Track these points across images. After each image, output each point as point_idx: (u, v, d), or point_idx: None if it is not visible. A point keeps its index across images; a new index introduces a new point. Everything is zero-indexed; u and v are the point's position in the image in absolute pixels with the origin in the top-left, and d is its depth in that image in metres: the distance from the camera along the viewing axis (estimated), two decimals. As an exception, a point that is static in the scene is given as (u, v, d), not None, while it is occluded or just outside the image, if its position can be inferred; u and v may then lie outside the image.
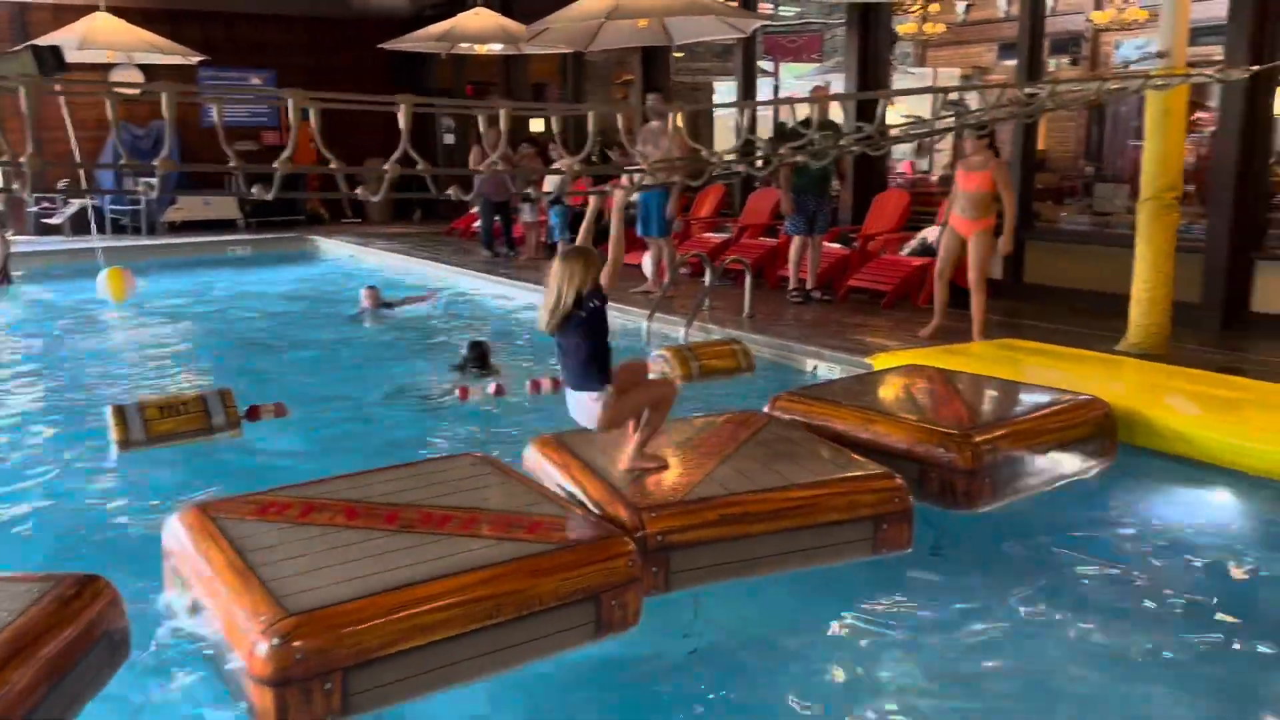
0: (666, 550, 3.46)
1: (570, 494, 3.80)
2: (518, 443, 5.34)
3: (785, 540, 3.68)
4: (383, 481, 3.70)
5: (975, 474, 4.16)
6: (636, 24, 10.33)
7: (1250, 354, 6.59)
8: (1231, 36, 7.10)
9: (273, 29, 16.65)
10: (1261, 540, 4.21)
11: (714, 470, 3.90)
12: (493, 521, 3.32)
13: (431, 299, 9.51)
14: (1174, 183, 6.27)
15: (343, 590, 2.87)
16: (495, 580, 2.97)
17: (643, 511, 3.49)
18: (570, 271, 3.70)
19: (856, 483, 3.84)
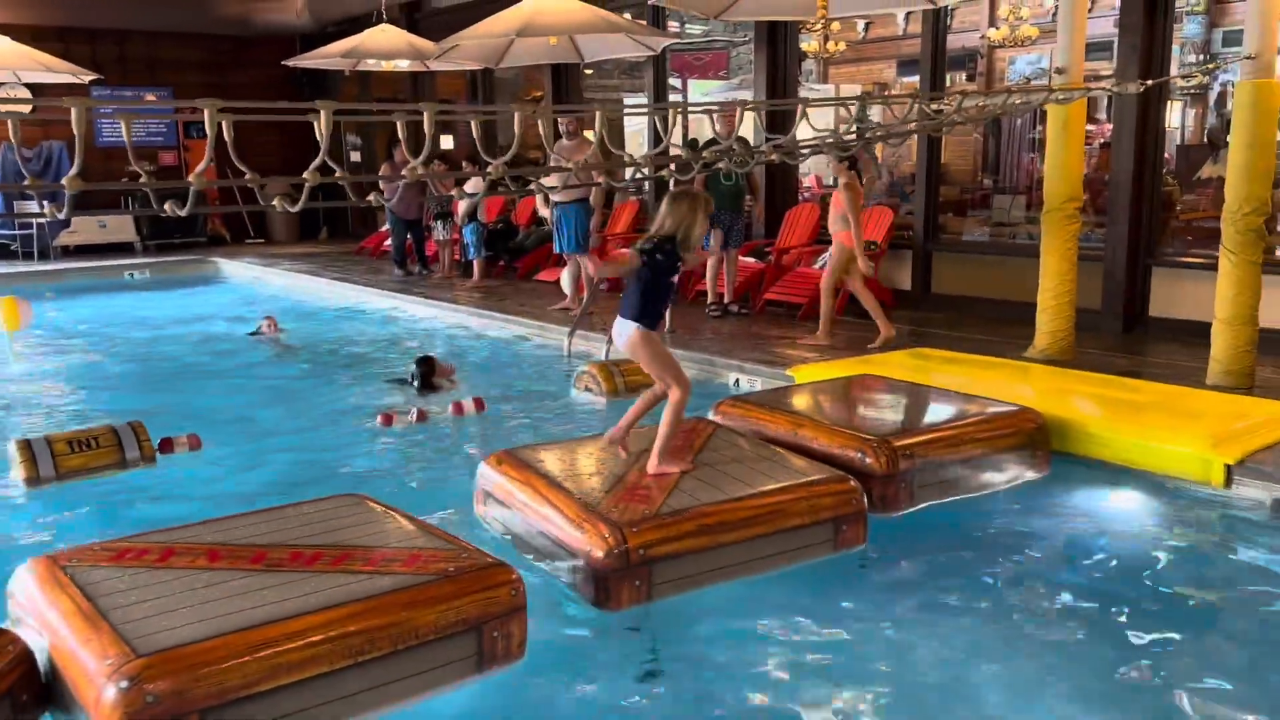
0: (649, 563, 3.50)
1: (539, 511, 3.79)
2: (442, 468, 5.30)
3: (756, 546, 3.78)
4: (249, 525, 3.55)
5: (891, 479, 4.25)
6: (547, 41, 10.32)
7: (1150, 357, 6.86)
8: (1123, 52, 7.41)
9: (168, 46, 16.18)
10: (1165, 537, 4.37)
11: (681, 481, 3.97)
12: (367, 557, 3.21)
13: (268, 328, 9.12)
14: (1074, 193, 6.51)
15: (200, 629, 2.72)
16: (366, 614, 2.85)
17: (624, 526, 3.51)
18: (676, 211, 3.92)
19: (818, 487, 3.98)
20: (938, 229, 9.17)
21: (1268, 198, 5.74)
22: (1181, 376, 6.14)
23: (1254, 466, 4.52)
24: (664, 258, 3.93)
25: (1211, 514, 4.54)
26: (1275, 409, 5.25)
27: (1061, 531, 4.47)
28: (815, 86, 19.01)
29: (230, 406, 6.52)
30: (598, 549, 3.47)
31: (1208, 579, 4.04)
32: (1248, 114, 5.66)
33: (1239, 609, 3.79)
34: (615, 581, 3.46)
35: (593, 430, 5.86)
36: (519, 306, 9.46)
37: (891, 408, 4.97)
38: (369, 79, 15.64)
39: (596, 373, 6.47)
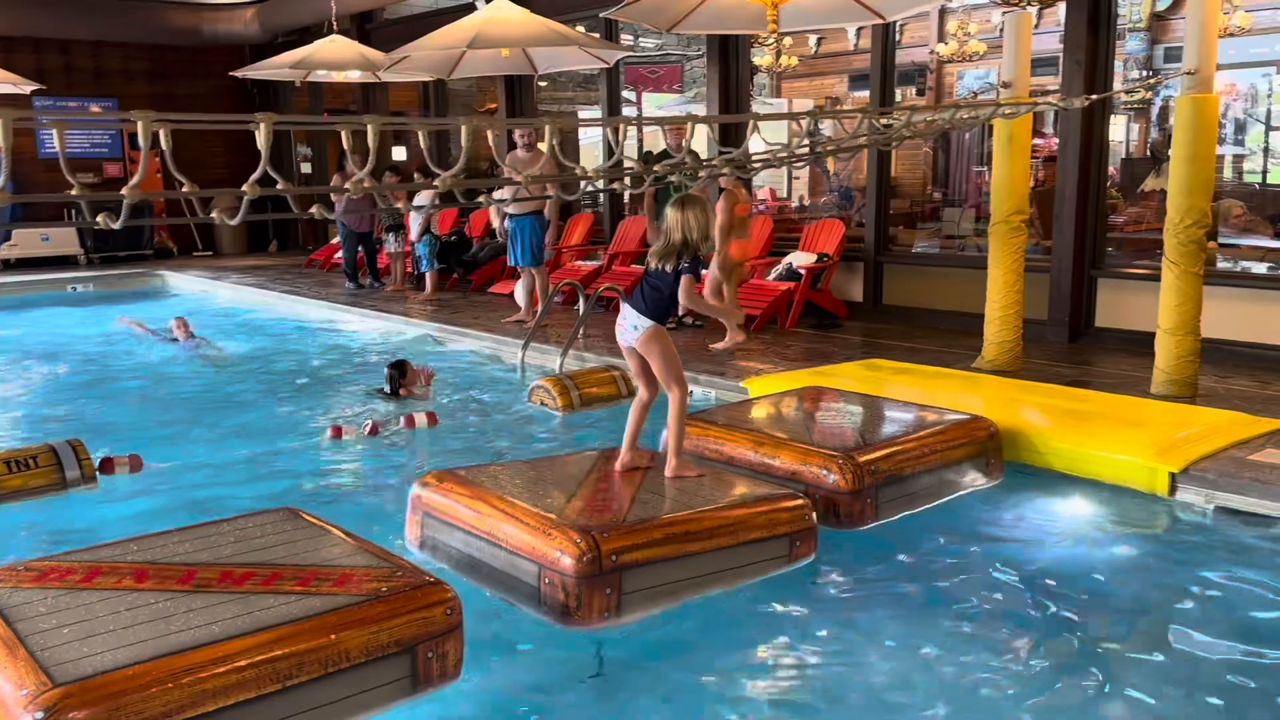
0: (619, 570, 3.44)
1: (494, 526, 3.69)
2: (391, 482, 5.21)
3: (719, 558, 3.75)
4: (181, 541, 3.46)
5: (859, 495, 4.24)
6: (499, 53, 10.28)
7: (1096, 366, 6.96)
8: (1067, 67, 7.54)
9: (113, 56, 15.91)
10: (1112, 544, 4.42)
11: (637, 495, 3.94)
12: (298, 576, 3.14)
13: (178, 328, 9.00)
14: (1020, 206, 6.59)
15: (121, 656, 2.63)
16: (295, 638, 2.78)
17: (594, 532, 3.45)
18: (692, 217, 4.08)
19: (774, 502, 3.98)
20: (888, 241, 9.25)
21: (1208, 209, 5.85)
22: (1127, 386, 6.24)
23: (1197, 474, 4.59)
24: (691, 264, 4.13)
25: (1157, 521, 4.60)
26: (1217, 418, 5.34)
27: (1012, 541, 4.49)
28: (768, 101, 19.16)
29: (174, 422, 6.39)
30: (568, 555, 3.39)
31: (1153, 586, 4.07)
32: (1187, 128, 5.77)
33: (1182, 616, 3.82)
34: (587, 589, 3.38)
35: (547, 443, 5.84)
36: (472, 319, 9.39)
37: (848, 421, 4.96)
38: (321, 89, 15.52)
39: (550, 386, 6.42)
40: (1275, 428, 5.19)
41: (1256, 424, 5.23)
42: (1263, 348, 6.91)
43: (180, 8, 15.45)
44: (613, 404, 6.53)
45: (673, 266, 4.09)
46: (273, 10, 14.97)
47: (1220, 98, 14.42)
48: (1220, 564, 4.18)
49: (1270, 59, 13.97)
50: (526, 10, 9.66)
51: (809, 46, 18.34)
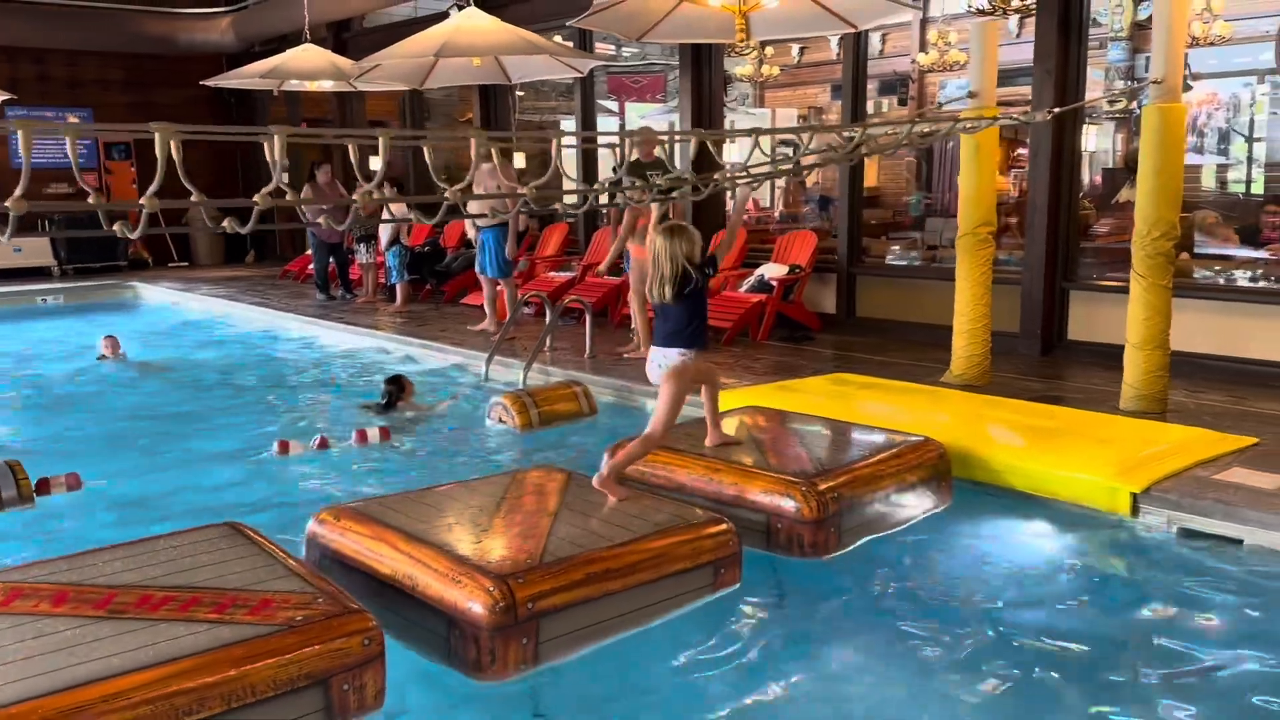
0: (535, 618, 3.20)
1: (398, 569, 3.44)
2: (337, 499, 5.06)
3: (642, 594, 3.55)
4: (110, 560, 3.32)
5: (821, 524, 4.06)
6: (471, 62, 10.17)
7: (1067, 381, 6.84)
8: (1037, 77, 7.44)
9: (89, 65, 15.75)
10: (1072, 567, 4.29)
11: (555, 528, 3.70)
12: (216, 602, 3.00)
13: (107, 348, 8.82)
14: (987, 218, 6.47)
15: (14, 691, 2.51)
16: (197, 671, 2.64)
17: (507, 578, 3.21)
18: (679, 246, 4.17)
19: (696, 529, 3.78)
20: (861, 252, 9.13)
21: (1176, 221, 5.74)
22: (1097, 401, 6.12)
23: (1159, 495, 4.46)
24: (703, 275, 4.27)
25: (1118, 544, 4.47)
26: (1184, 435, 5.22)
27: (968, 564, 4.35)
28: (751, 111, 19.08)
29: (123, 437, 6.24)
30: (478, 604, 3.13)
31: (1110, 612, 3.93)
32: (1155, 138, 5.66)
33: (1139, 644, 3.69)
34: (501, 642, 3.15)
35: (503, 462, 5.70)
36: (439, 331, 9.25)
37: (802, 445, 4.76)
38: (298, 99, 15.36)
39: (510, 404, 6.27)
40: (1242, 445, 5.07)
41: (1224, 441, 5.11)
42: (1237, 361, 6.79)
43: (155, 17, 15.30)
44: (573, 421, 6.39)
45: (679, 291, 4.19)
46: (248, 19, 14.84)
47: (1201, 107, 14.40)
48: (1182, 589, 4.05)
49: (1253, 68, 13.93)
50: (497, 19, 9.56)
51: (792, 56, 18.28)
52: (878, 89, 17.66)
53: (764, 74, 17.23)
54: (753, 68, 17.11)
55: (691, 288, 4.22)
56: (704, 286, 4.28)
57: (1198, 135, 14.33)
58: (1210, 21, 12.27)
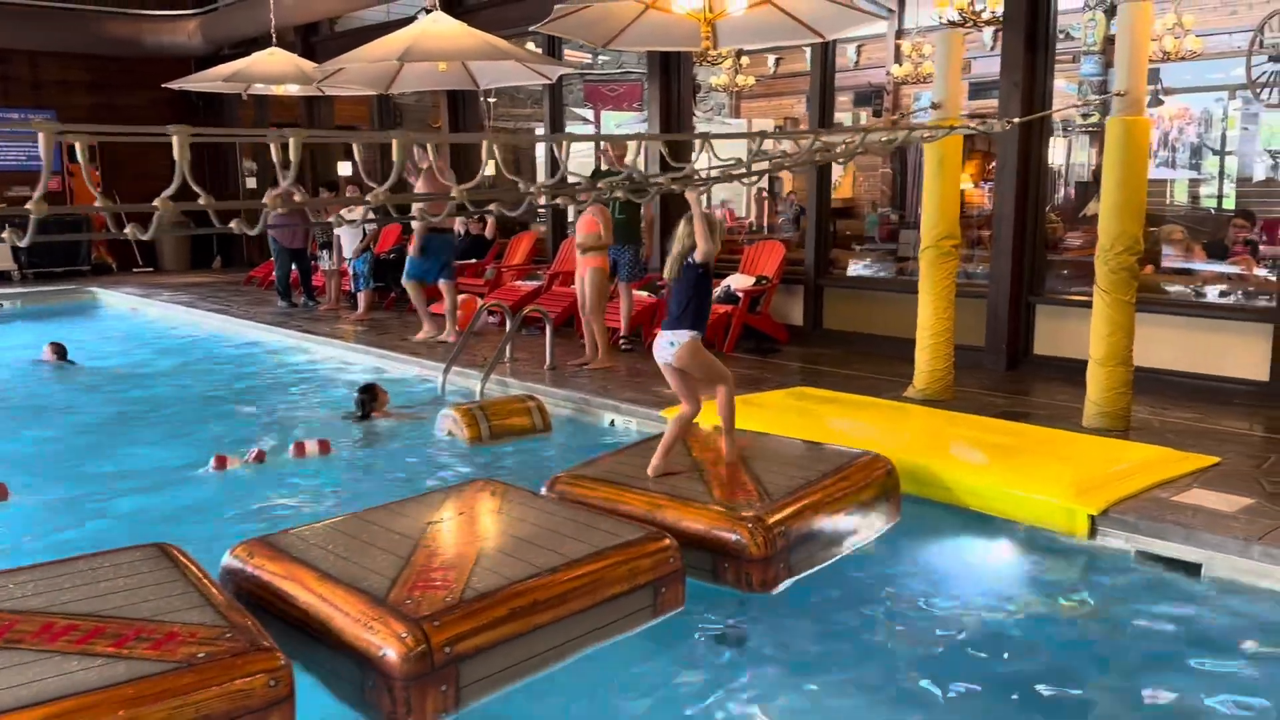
0: (455, 663, 2.99)
1: (309, 612, 3.21)
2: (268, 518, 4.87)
3: (575, 623, 3.34)
4: (25, 582, 3.15)
5: (770, 561, 3.85)
6: (436, 67, 10.01)
7: (1031, 396, 6.73)
8: (1004, 89, 7.36)
9: (50, 66, 15.48)
10: (1027, 591, 4.16)
11: (480, 556, 3.49)
12: (119, 634, 2.82)
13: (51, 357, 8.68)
14: (950, 231, 6.36)
15: None
16: (79, 713, 2.47)
17: (423, 622, 2.98)
18: (688, 229, 4.35)
19: (634, 549, 3.59)
20: (829, 264, 9.02)
21: (1139, 235, 5.64)
22: (1060, 418, 6.01)
23: (1117, 517, 4.34)
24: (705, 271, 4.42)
25: (1075, 567, 4.34)
26: (1145, 454, 5.12)
27: (921, 589, 4.20)
28: (727, 120, 19.01)
29: (57, 447, 6.04)
30: (392, 652, 2.91)
31: (1068, 636, 3.81)
32: (1118, 151, 5.57)
33: (1096, 669, 3.56)
34: (417, 691, 2.91)
35: (449, 477, 5.52)
36: (399, 341, 9.06)
37: (748, 470, 4.51)
38: (265, 102, 15.17)
39: (459, 417, 6.10)
40: (1203, 465, 4.97)
41: (1185, 461, 5.01)
42: (1202, 378, 6.70)
43: (119, 18, 15.07)
44: (526, 436, 6.22)
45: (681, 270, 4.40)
46: (215, 22, 14.64)
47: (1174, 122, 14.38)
48: (1139, 616, 3.92)
49: (1225, 83, 13.95)
50: (464, 24, 9.41)
51: (768, 67, 18.22)
52: (853, 100, 17.64)
53: (739, 84, 17.14)
54: (728, 78, 17.03)
55: (689, 273, 4.40)
56: (701, 273, 4.41)
57: (1170, 150, 14.36)
58: (1182, 36, 12.28)
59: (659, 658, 3.56)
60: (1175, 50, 12.38)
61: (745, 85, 16.93)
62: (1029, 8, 7.14)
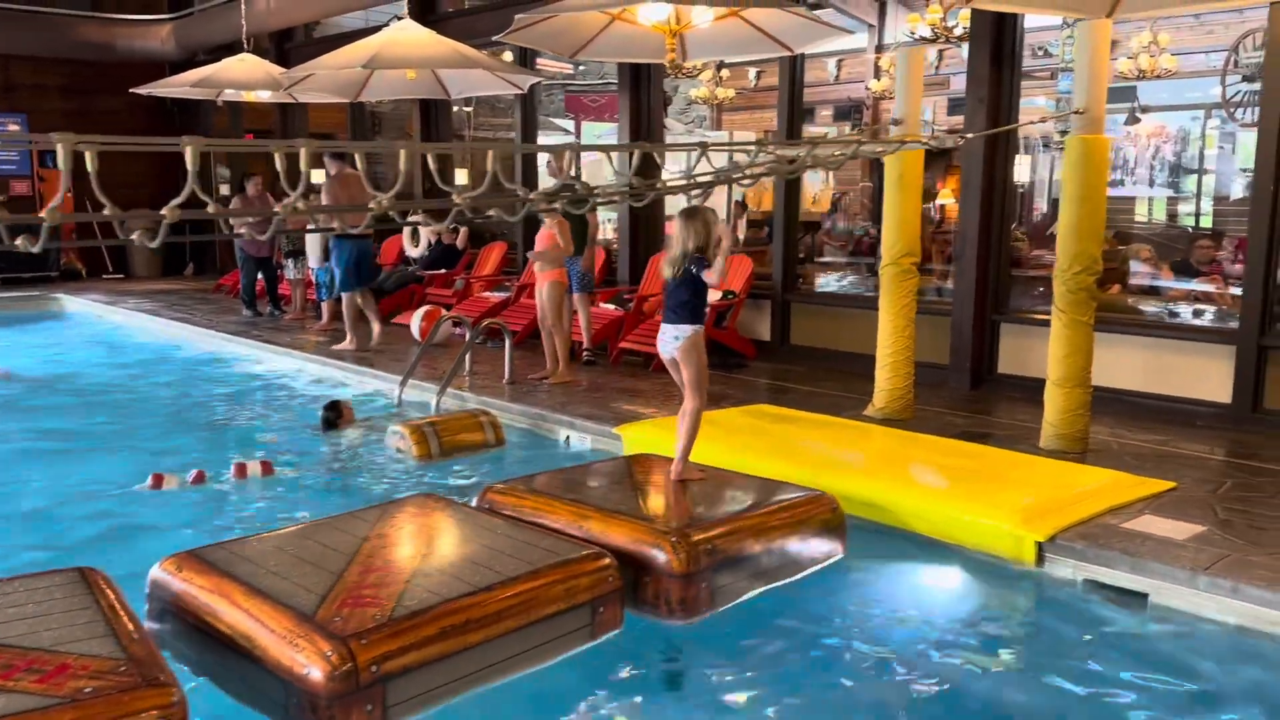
0: (382, 682, 2.91)
1: (237, 628, 3.13)
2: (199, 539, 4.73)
3: (509, 643, 3.27)
4: None
5: (691, 579, 3.72)
6: (405, 75, 9.91)
7: (992, 416, 6.64)
8: (970, 105, 7.29)
9: (23, 70, 15.31)
10: (973, 621, 4.05)
11: (414, 573, 3.40)
12: (9, 664, 2.70)
13: None
14: (910, 248, 6.28)
15: None
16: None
17: (349, 640, 2.90)
18: (692, 229, 4.38)
19: (572, 567, 3.52)
20: (796, 279, 8.92)
21: (1098, 255, 5.56)
22: (1018, 439, 5.92)
23: (1065, 544, 4.24)
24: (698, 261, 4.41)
25: (1022, 595, 4.25)
26: (1099, 478, 5.03)
27: (862, 617, 4.10)
28: (708, 133, 18.96)
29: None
30: (316, 670, 2.85)
31: (1011, 668, 3.71)
32: (1077, 169, 5.49)
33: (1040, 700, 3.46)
34: (341, 710, 2.85)
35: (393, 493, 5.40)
36: (360, 354, 8.92)
37: (687, 494, 4.40)
38: (240, 109, 15.02)
39: (408, 433, 5.97)
40: (1158, 490, 4.88)
41: (1140, 486, 4.92)
42: (1167, 400, 6.62)
43: (92, 22, 14.93)
44: (478, 452, 6.10)
45: (683, 270, 4.41)
46: (188, 28, 14.51)
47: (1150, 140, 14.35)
48: (1084, 646, 3.82)
49: (1201, 102, 13.95)
50: (433, 33, 9.32)
51: (749, 80, 18.18)
52: (833, 115, 17.62)
53: (719, 96, 17.08)
54: (708, 90, 16.98)
55: (690, 271, 4.42)
56: (698, 273, 4.42)
57: (1146, 168, 14.35)
58: (1157, 55, 12.27)
59: (589, 691, 3.45)
60: (1151, 68, 12.38)
61: (725, 98, 16.86)
62: (995, 24, 7.08)
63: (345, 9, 12.52)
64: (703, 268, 4.37)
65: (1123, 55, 13.15)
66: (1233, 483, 5.15)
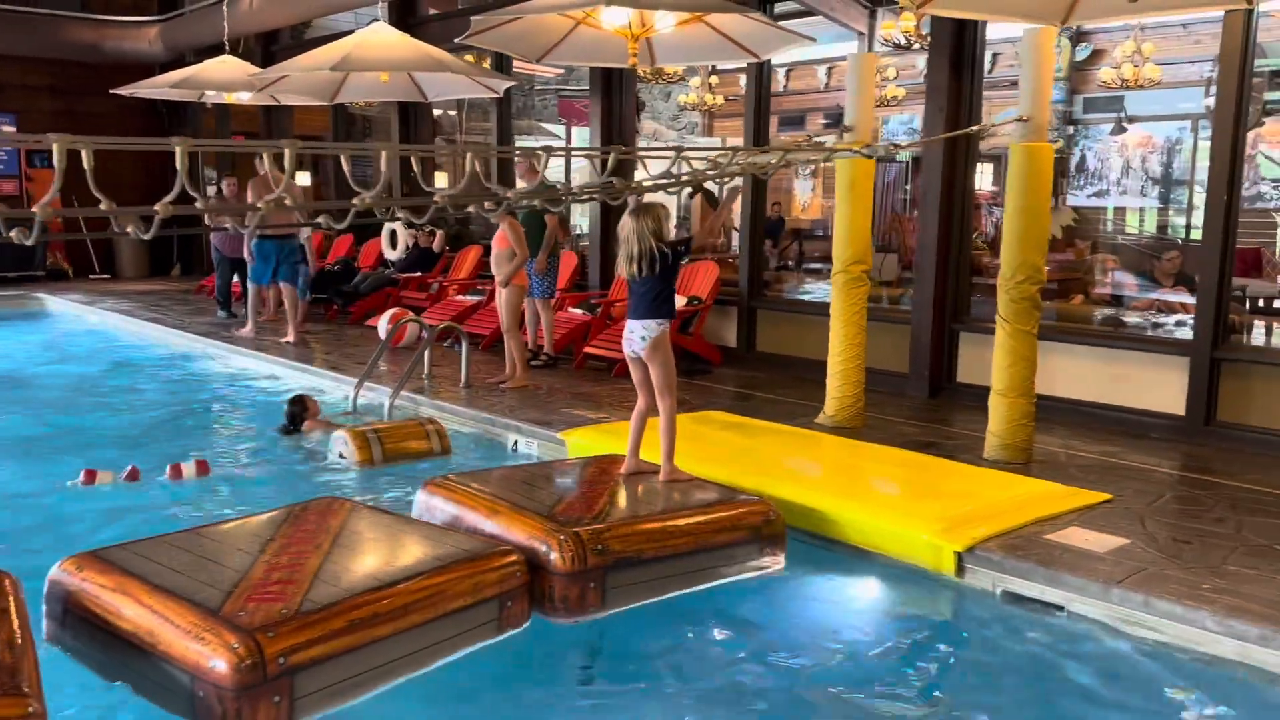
0: (289, 674, 2.93)
1: (141, 624, 3.11)
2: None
3: (417, 636, 3.31)
4: None
5: (577, 577, 3.71)
6: (379, 78, 9.91)
7: (945, 426, 6.58)
8: (929, 114, 7.25)
9: (11, 70, 15.36)
10: (891, 633, 4.01)
11: (321, 569, 3.42)
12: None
13: None
14: (861, 256, 6.24)
15: None
16: None
17: (255, 632, 2.92)
18: (646, 225, 4.46)
19: (479, 563, 3.56)
20: (762, 285, 8.88)
21: (1041, 264, 5.52)
22: (965, 449, 5.87)
23: (984, 555, 4.18)
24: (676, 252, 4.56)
25: (941, 606, 4.21)
26: (1033, 489, 4.98)
27: (780, 627, 4.08)
28: (699, 140, 18.94)
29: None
30: (222, 662, 2.86)
31: (926, 680, 3.65)
32: (1020, 178, 5.44)
33: (948, 714, 3.41)
34: (249, 703, 2.86)
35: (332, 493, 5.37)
36: (323, 355, 8.91)
37: (607, 494, 4.40)
38: (228, 111, 15.06)
39: (350, 439, 5.93)
40: (1092, 502, 4.83)
41: (1074, 497, 4.87)
42: (1122, 411, 6.56)
43: (79, 23, 14.97)
44: (423, 459, 6.05)
45: (655, 268, 4.47)
46: (175, 29, 14.55)
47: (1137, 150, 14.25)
48: (999, 658, 3.79)
49: (1190, 112, 13.88)
50: (406, 35, 9.32)
51: (739, 87, 18.13)
52: (824, 122, 17.59)
53: (709, 103, 17.06)
54: (697, 96, 16.96)
55: (663, 264, 4.48)
56: (675, 263, 4.54)
57: (1133, 178, 14.28)
58: (1140, 64, 12.21)
59: (503, 689, 3.44)
60: (1134, 78, 12.31)
61: (714, 104, 16.84)
62: (955, 33, 7.04)
63: (327, 10, 12.55)
64: (679, 258, 4.55)
65: (1106, 65, 13.11)
66: (1172, 495, 5.09)
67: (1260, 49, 10.98)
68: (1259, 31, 6.05)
